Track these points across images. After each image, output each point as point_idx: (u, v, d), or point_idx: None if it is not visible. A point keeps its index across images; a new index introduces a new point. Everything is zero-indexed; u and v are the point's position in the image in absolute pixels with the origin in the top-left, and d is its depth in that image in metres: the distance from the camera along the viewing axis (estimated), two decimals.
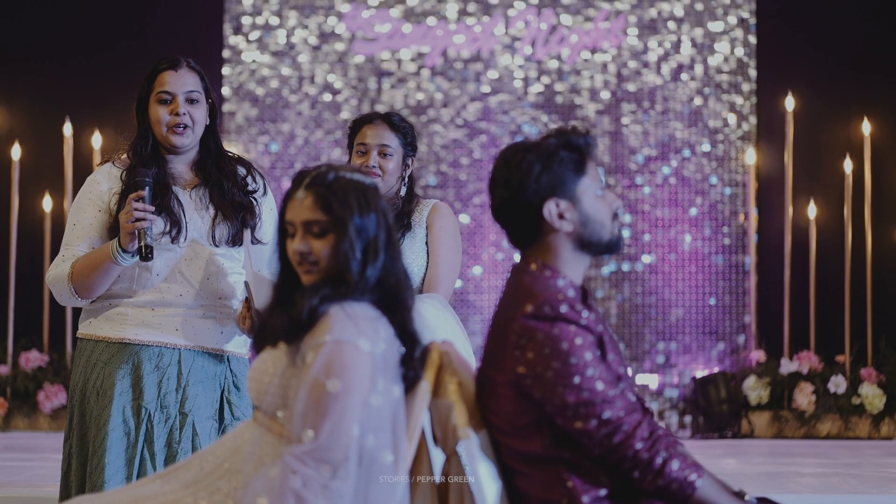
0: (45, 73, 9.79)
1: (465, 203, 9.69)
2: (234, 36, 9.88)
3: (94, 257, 4.48)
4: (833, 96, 9.69)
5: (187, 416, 4.53)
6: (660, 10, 9.79)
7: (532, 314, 3.38)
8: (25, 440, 8.85)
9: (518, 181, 3.47)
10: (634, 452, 3.29)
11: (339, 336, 3.23)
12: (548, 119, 9.76)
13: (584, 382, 3.31)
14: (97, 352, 4.57)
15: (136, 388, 4.51)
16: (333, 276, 3.36)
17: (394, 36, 9.84)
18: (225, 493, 3.36)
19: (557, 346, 3.34)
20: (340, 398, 3.20)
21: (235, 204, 4.64)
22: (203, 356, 4.60)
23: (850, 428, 9.25)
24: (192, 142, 4.61)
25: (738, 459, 7.97)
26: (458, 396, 3.42)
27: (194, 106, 4.60)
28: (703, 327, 9.69)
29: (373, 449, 3.26)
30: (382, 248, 3.37)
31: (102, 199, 4.57)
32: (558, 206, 3.46)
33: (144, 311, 4.55)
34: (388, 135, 5.19)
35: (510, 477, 3.45)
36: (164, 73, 4.62)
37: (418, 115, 9.80)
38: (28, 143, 9.75)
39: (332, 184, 3.38)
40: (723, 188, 9.72)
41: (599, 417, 3.30)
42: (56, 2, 9.82)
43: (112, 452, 4.46)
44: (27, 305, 9.66)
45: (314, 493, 3.16)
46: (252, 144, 9.81)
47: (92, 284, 4.48)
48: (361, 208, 3.36)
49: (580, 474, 3.36)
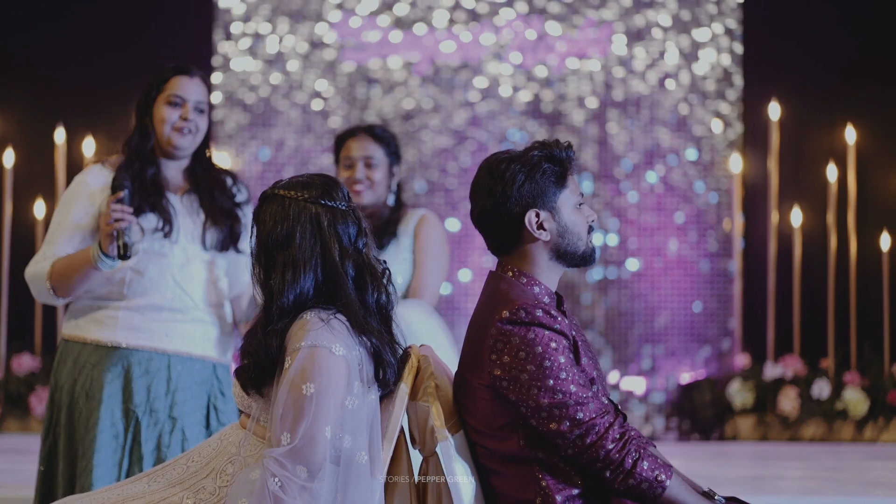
0: (38, 79, 9.76)
1: (453, 209, 9.71)
2: (225, 43, 9.89)
3: (75, 259, 4.51)
4: (818, 104, 9.67)
5: (177, 421, 4.59)
6: (646, 18, 9.80)
7: (508, 319, 3.46)
8: (17, 443, 8.85)
9: (501, 190, 3.55)
10: (606, 453, 3.37)
11: (314, 341, 3.30)
12: (535, 126, 9.78)
13: (557, 385, 3.39)
14: (85, 354, 4.61)
15: (126, 391, 4.57)
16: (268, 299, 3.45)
17: (383, 44, 9.83)
18: (210, 491, 3.44)
19: (532, 349, 3.43)
20: (315, 401, 3.26)
21: (224, 211, 4.72)
22: (191, 362, 4.66)
23: (834, 432, 9.27)
24: (192, 146, 4.69)
25: (722, 462, 8.02)
26: (436, 399, 3.50)
27: (200, 115, 4.70)
28: (688, 332, 9.69)
29: (350, 450, 3.33)
30: (307, 261, 3.41)
31: (90, 199, 4.62)
32: (538, 217, 3.55)
33: (135, 316, 4.61)
34: (372, 146, 5.31)
35: (486, 476, 3.53)
36: (177, 77, 4.69)
37: (407, 122, 9.81)
38: (21, 150, 9.73)
39: (261, 201, 3.50)
40: (708, 195, 9.71)
41: (573, 419, 3.38)
42: (48, 9, 9.82)
43: (101, 455, 4.51)
44: (20, 310, 9.60)
45: (292, 496, 3.23)
46: (242, 151, 9.83)
47: (70, 286, 4.52)
48: (276, 222, 3.43)
49: (554, 474, 3.44)
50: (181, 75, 4.70)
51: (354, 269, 3.44)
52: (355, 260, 3.44)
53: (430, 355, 3.56)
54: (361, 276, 3.46)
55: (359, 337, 3.38)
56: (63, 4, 9.85)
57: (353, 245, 3.45)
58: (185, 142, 4.66)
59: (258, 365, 3.37)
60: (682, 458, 8.13)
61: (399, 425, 3.49)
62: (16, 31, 9.82)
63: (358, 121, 9.63)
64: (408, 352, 3.53)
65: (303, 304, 3.37)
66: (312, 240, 3.39)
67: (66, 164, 9.64)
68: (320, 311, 3.36)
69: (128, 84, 7.54)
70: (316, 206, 3.42)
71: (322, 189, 3.45)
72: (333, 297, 3.39)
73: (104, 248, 4.42)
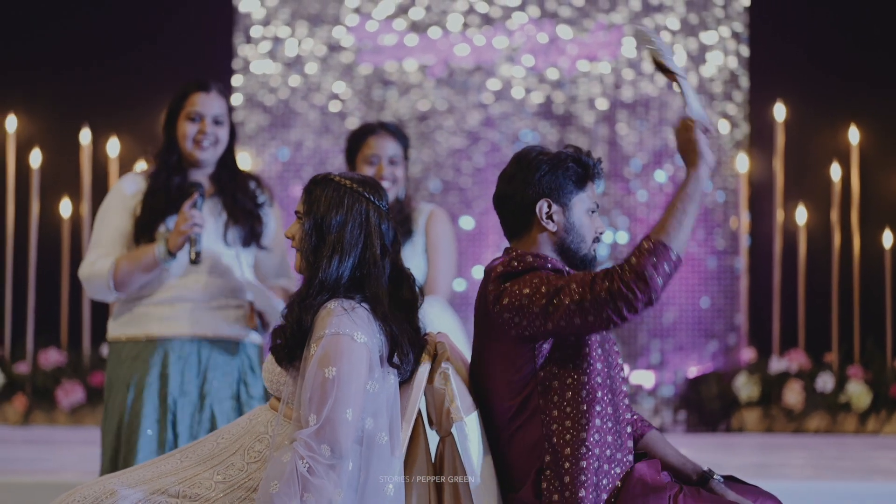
0: (64, 82, 9.81)
1: (468, 207, 9.73)
2: (245, 46, 9.91)
3: (139, 256, 4.83)
4: (821, 105, 9.69)
5: (206, 399, 4.90)
6: (655, 22, 9.78)
7: (502, 272, 3.71)
8: (45, 434, 8.97)
9: (523, 176, 3.74)
10: (617, 283, 3.52)
11: (337, 329, 3.49)
12: (547, 127, 9.78)
13: (552, 285, 3.59)
14: (125, 351, 4.96)
15: (163, 378, 4.90)
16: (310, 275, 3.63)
17: (399, 47, 9.89)
18: (238, 468, 3.61)
19: (530, 281, 3.64)
20: (337, 384, 3.45)
21: (245, 211, 5.01)
22: (220, 344, 4.97)
23: (838, 424, 9.29)
24: (213, 158, 4.98)
25: (728, 453, 8.08)
26: (451, 382, 3.65)
27: (219, 126, 4.98)
28: (696, 327, 9.73)
29: (371, 431, 3.51)
30: (351, 248, 3.60)
31: (127, 205, 4.94)
32: (550, 207, 3.73)
33: (164, 308, 4.92)
34: (394, 144, 5.44)
35: (499, 450, 3.71)
36: (195, 93, 4.98)
37: (422, 123, 9.83)
38: (47, 150, 9.82)
39: (315, 182, 3.68)
40: (716, 193, 9.74)
41: (577, 285, 3.56)
42: (73, 16, 9.88)
43: (144, 438, 4.85)
44: (47, 306, 9.72)
45: (318, 476, 3.40)
46: (262, 151, 9.86)
47: (131, 281, 4.85)
48: (331, 207, 3.62)
49: (562, 431, 3.61)
50: (199, 91, 4.99)
51: (391, 267, 3.65)
52: (392, 259, 3.65)
53: (447, 342, 3.73)
54: (396, 274, 3.66)
55: (381, 325, 3.56)
56: (88, 12, 9.91)
57: (391, 245, 3.67)
58: (206, 154, 4.97)
59: (292, 338, 3.55)
60: (689, 448, 8.04)
61: (417, 407, 3.65)
62: (42, 36, 9.90)
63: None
64: (425, 339, 3.70)
65: (337, 285, 3.56)
66: (359, 230, 3.59)
67: (91, 164, 9.73)
68: (343, 301, 3.54)
69: (151, 86, 7.79)
70: (368, 202, 3.62)
71: (374, 187, 3.66)
72: (363, 286, 3.58)
73: (171, 247, 4.78)
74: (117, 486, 3.57)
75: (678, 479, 3.86)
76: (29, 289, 9.71)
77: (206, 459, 3.66)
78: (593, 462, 3.62)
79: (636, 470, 3.71)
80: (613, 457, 3.66)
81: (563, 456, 3.61)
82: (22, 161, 9.82)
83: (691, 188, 3.60)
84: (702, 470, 3.84)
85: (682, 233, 3.57)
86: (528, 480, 3.65)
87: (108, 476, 3.68)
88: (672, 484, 3.74)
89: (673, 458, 3.93)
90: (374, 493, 3.51)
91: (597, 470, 3.62)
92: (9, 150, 9.80)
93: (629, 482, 3.67)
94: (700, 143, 3.62)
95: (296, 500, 3.38)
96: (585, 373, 3.65)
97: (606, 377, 3.69)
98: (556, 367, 3.65)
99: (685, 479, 3.87)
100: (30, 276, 9.71)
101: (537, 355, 3.65)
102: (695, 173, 3.61)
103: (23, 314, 9.72)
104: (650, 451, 3.91)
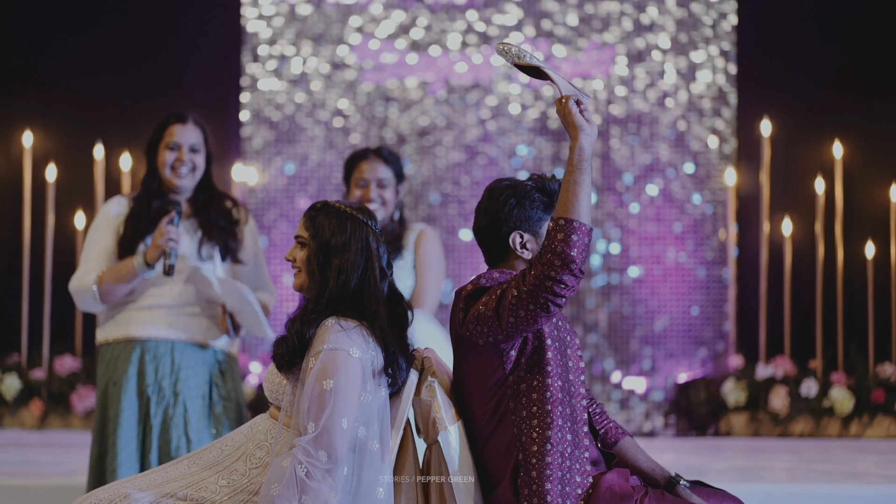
0: (78, 99, 9.92)
1: (466, 220, 9.76)
2: (253, 64, 9.99)
3: (120, 269, 5.23)
4: (807, 121, 9.75)
5: (178, 396, 5.29)
6: (646, 41, 9.89)
7: (471, 290, 3.93)
8: (60, 438, 9.05)
9: (495, 211, 3.99)
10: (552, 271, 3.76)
11: (334, 345, 3.73)
12: (543, 142, 9.82)
13: (502, 286, 3.85)
14: (110, 352, 5.36)
15: (140, 375, 5.29)
16: (313, 292, 3.88)
17: (400, 65, 9.96)
18: (241, 473, 3.86)
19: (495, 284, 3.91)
20: (334, 395, 3.68)
21: (219, 228, 5.42)
22: (192, 347, 5.37)
23: (822, 428, 9.35)
24: (191, 184, 5.41)
25: (715, 456, 8.16)
26: (437, 394, 3.90)
27: (196, 154, 5.40)
28: (686, 335, 9.81)
29: (364, 438, 3.75)
30: (354, 270, 3.85)
31: (112, 225, 5.35)
32: (522, 238, 3.98)
33: (143, 312, 5.35)
34: (383, 168, 5.70)
35: (478, 451, 3.94)
36: (173, 125, 5.40)
37: (422, 139, 9.92)
38: (62, 165, 9.87)
39: (316, 209, 3.94)
40: (704, 206, 9.81)
41: (512, 284, 3.82)
42: (86, 35, 9.94)
43: (123, 429, 5.24)
44: (62, 315, 9.79)
45: (316, 480, 3.63)
46: (268, 166, 9.92)
47: (114, 291, 5.25)
48: (335, 232, 3.87)
49: (530, 431, 3.86)
50: (176, 123, 5.41)
51: (388, 288, 3.90)
52: (389, 281, 3.91)
53: (433, 356, 3.97)
54: (392, 295, 3.91)
55: (376, 342, 3.80)
56: (101, 32, 9.98)
57: (387, 268, 3.92)
58: (184, 182, 5.40)
59: (293, 347, 3.79)
60: (678, 452, 8.35)
61: (405, 417, 3.88)
62: (57, 55, 9.98)
63: (377, 137, 9.78)
64: (413, 353, 3.94)
65: (340, 303, 3.81)
66: (361, 254, 3.85)
67: (104, 178, 9.80)
68: (341, 320, 3.79)
69: (162, 104, 7.90)
70: (367, 228, 3.89)
71: (370, 214, 3.93)
72: (364, 305, 3.83)
73: (149, 259, 5.19)
74: (130, 489, 3.79)
75: (647, 483, 4.07)
76: (45, 298, 9.79)
77: (211, 465, 3.88)
78: (557, 458, 3.84)
79: (606, 480, 3.92)
80: (573, 454, 3.88)
81: (531, 453, 3.85)
82: (38, 175, 9.89)
83: (576, 159, 3.77)
84: (669, 475, 4.05)
85: (579, 203, 3.75)
86: (505, 478, 3.89)
87: (121, 481, 3.91)
88: (639, 488, 3.95)
89: (644, 463, 4.14)
90: (366, 496, 3.73)
91: (560, 465, 3.84)
92: (25, 164, 9.87)
93: (599, 490, 3.89)
94: (575, 115, 3.80)
95: (294, 502, 3.59)
96: (549, 376, 3.87)
97: (566, 381, 3.90)
98: (523, 371, 3.89)
99: (654, 484, 4.07)
100: (45, 286, 9.79)
101: (506, 362, 3.88)
102: (577, 145, 3.79)
103: (39, 322, 9.81)
104: (623, 456, 4.13)
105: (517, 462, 3.88)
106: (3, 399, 9.67)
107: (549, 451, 3.85)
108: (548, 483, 3.83)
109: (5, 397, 9.66)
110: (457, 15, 10.04)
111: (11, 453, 8.03)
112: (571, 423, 3.91)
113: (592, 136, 3.81)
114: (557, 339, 3.93)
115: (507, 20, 10.02)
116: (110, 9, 10.07)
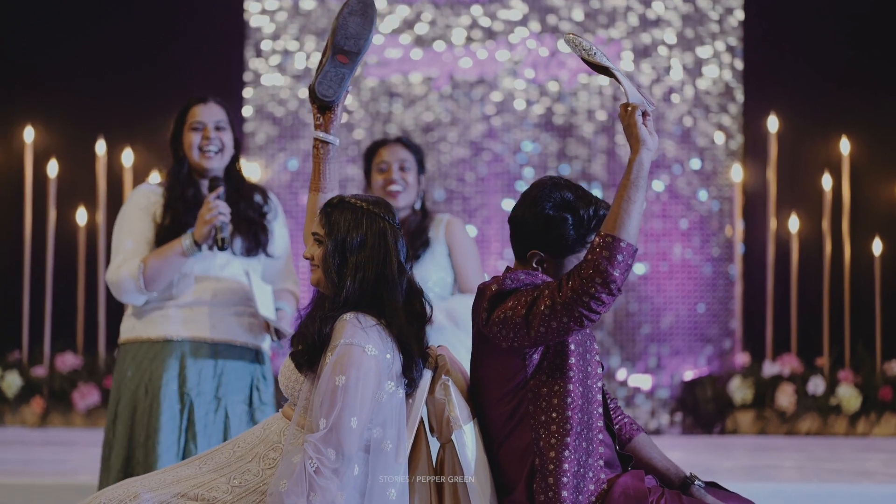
0: (80, 95, 9.91)
1: (470, 216, 9.78)
2: (256, 59, 9.99)
3: (166, 252, 5.02)
4: (814, 117, 9.77)
5: (221, 401, 5.09)
6: (652, 36, 9.91)
7: (496, 291, 3.85)
8: (61, 436, 9.05)
9: (532, 218, 3.88)
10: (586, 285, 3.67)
11: (350, 340, 3.67)
12: (548, 138, 9.82)
13: (532, 292, 3.76)
14: (142, 352, 5.12)
15: (181, 378, 5.07)
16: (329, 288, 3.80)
17: (404, 61, 9.97)
18: (254, 473, 3.79)
19: (522, 285, 3.83)
20: (345, 391, 3.63)
21: (249, 221, 5.21)
22: (235, 349, 5.15)
23: (828, 426, 9.36)
24: (220, 165, 5.17)
25: (722, 454, 8.16)
26: (451, 393, 3.84)
27: (222, 132, 5.17)
28: (692, 332, 9.81)
29: (378, 439, 3.70)
30: (371, 266, 3.77)
31: (148, 212, 5.12)
32: (541, 259, 3.90)
33: (184, 311, 5.11)
34: (404, 151, 5.60)
35: (494, 454, 3.88)
36: (195, 106, 5.19)
37: (427, 135, 9.94)
38: (64, 161, 9.88)
39: (332, 206, 3.85)
40: (711, 202, 9.83)
41: (546, 294, 3.73)
42: (89, 30, 9.94)
43: (163, 434, 5.01)
44: (63, 312, 9.79)
45: (325, 477, 3.58)
46: (272, 161, 9.92)
47: (160, 277, 5.03)
48: (351, 228, 3.79)
49: (548, 434, 3.79)
50: (198, 104, 5.20)
51: (406, 283, 3.82)
52: (408, 276, 3.83)
53: (447, 354, 3.91)
54: (410, 289, 3.84)
55: (395, 341, 3.74)
56: (103, 27, 9.99)
57: (405, 262, 3.85)
58: (213, 162, 5.17)
59: (313, 345, 3.72)
60: (685, 450, 8.31)
61: (419, 416, 3.83)
62: (59, 51, 9.99)
63: (381, 133, 9.77)
64: (427, 352, 3.88)
65: (359, 300, 3.74)
66: (377, 250, 3.76)
67: (106, 174, 9.82)
68: (360, 315, 3.73)
69: (164, 99, 7.85)
70: (384, 222, 3.81)
71: (386, 207, 3.84)
72: (382, 301, 3.76)
73: (198, 237, 4.99)
74: (140, 489, 3.74)
75: (662, 483, 4.01)
76: (46, 295, 9.78)
77: (222, 467, 3.83)
78: (574, 465, 3.79)
79: (619, 483, 3.86)
80: (587, 462, 3.82)
81: (548, 458, 3.79)
82: (39, 171, 9.89)
83: (633, 174, 3.64)
84: (684, 475, 3.99)
85: (630, 221, 3.62)
86: (521, 482, 3.83)
87: (130, 480, 3.85)
88: (655, 489, 3.89)
89: (658, 462, 4.07)
90: (379, 497, 3.69)
91: (576, 473, 3.79)
92: (27, 160, 9.87)
93: (613, 494, 3.82)
94: (639, 128, 3.66)
95: (302, 499, 3.56)
96: (570, 381, 3.81)
97: (585, 387, 3.84)
98: (545, 375, 3.82)
99: (668, 484, 4.01)
100: (47, 283, 9.78)
101: (528, 365, 3.82)
102: (637, 158, 3.65)
103: (40, 319, 9.80)
104: (637, 454, 4.07)
105: (533, 467, 3.84)
106: (4, 396, 9.68)
107: (566, 458, 3.81)
108: (564, 491, 3.79)
109: (6, 395, 9.66)
110: (461, 10, 10.06)
111: (12, 451, 8.02)
112: (587, 431, 3.86)
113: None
114: (581, 345, 3.88)
115: (512, 15, 10.03)
116: (113, 4, 10.09)
